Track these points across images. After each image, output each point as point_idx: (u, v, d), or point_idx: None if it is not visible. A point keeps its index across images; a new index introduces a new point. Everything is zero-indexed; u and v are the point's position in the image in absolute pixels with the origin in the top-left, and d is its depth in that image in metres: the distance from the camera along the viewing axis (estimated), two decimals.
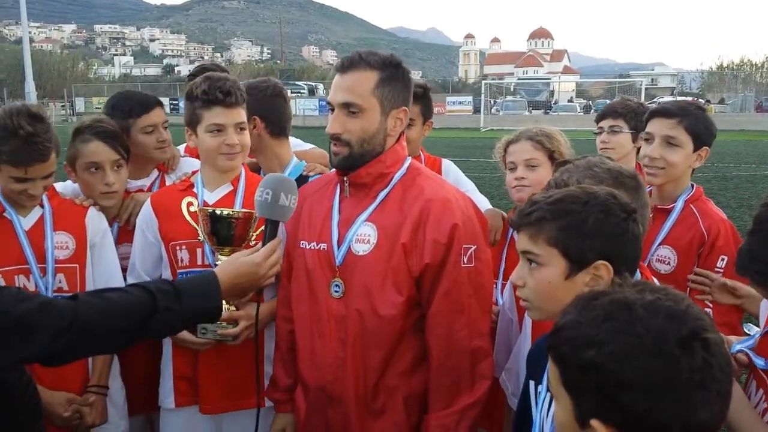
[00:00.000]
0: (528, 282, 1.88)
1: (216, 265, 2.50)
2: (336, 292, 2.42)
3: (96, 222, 2.92)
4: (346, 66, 2.36)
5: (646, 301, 1.28)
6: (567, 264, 1.80)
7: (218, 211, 2.55)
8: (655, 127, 2.96)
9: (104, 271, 2.89)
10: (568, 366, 1.32)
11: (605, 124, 3.71)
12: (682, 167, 2.94)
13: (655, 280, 2.32)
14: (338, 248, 2.42)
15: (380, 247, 2.36)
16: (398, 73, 2.39)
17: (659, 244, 2.94)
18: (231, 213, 2.55)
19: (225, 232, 2.53)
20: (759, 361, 1.94)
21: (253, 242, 2.61)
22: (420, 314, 2.41)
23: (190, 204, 2.65)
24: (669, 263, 2.93)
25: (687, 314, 1.27)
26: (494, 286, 2.86)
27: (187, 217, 2.73)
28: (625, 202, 1.86)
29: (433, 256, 2.32)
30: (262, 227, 2.47)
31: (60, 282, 2.76)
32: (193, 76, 3.96)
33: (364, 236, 2.39)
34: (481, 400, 2.40)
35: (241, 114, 2.77)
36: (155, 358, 2.94)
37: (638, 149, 3.25)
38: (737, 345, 2.05)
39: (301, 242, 2.53)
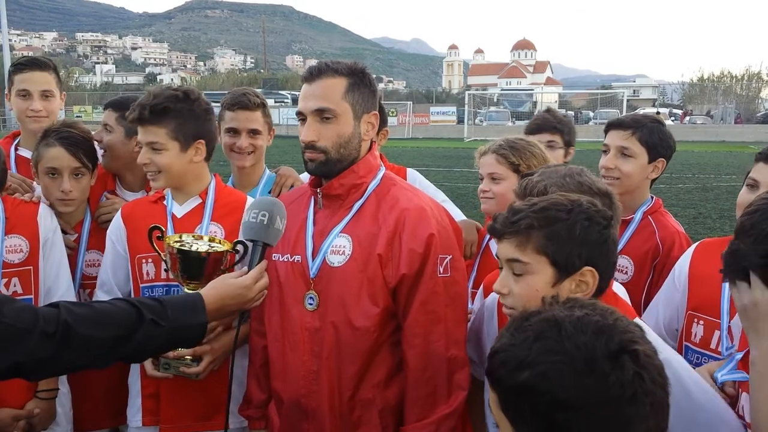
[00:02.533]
0: (513, 290, 1.90)
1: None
2: (310, 304, 2.38)
3: (48, 219, 2.89)
4: (315, 74, 2.37)
5: (574, 318, 1.28)
6: (554, 271, 1.84)
7: (187, 248, 2.40)
8: (611, 138, 3.10)
9: (51, 270, 2.86)
10: (504, 389, 1.31)
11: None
12: (636, 178, 3.04)
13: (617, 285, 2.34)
14: (313, 260, 2.40)
15: (355, 258, 2.34)
16: (365, 79, 2.41)
17: (617, 254, 2.92)
18: (200, 252, 2.40)
19: (195, 269, 2.40)
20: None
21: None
22: (395, 326, 2.38)
23: (156, 232, 2.49)
24: (626, 272, 2.98)
25: (614, 328, 1.27)
26: None
27: (155, 246, 2.53)
28: (603, 209, 1.92)
29: (409, 266, 2.30)
30: (235, 263, 2.43)
31: (15, 286, 2.74)
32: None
33: (339, 247, 2.37)
34: (457, 411, 2.36)
35: (154, 133, 2.66)
36: (121, 374, 2.90)
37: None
38: (719, 372, 2.03)
39: (274, 255, 2.48)
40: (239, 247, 2.41)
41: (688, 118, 64.26)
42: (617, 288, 2.42)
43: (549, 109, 4.03)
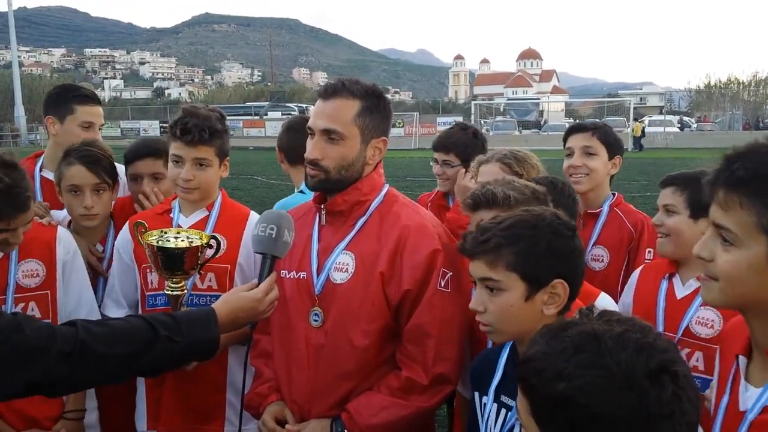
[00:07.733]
0: (489, 307, 1.94)
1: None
2: (315, 321, 2.39)
3: (66, 242, 2.90)
4: (330, 93, 2.37)
5: (615, 334, 1.29)
6: (526, 286, 1.90)
7: (165, 242, 2.43)
8: (574, 141, 3.42)
9: (72, 294, 2.86)
10: (537, 398, 1.33)
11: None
12: (602, 173, 3.38)
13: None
14: (317, 277, 2.41)
15: (358, 275, 2.35)
16: (380, 103, 2.41)
17: (593, 245, 3.32)
18: (175, 246, 2.41)
19: (174, 262, 2.42)
20: None
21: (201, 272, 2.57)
22: (395, 347, 2.38)
23: (141, 228, 2.50)
24: (602, 261, 3.31)
25: (655, 346, 1.28)
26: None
27: (140, 240, 2.52)
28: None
29: (412, 282, 2.31)
30: (209, 255, 2.48)
31: (32, 310, 2.74)
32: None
33: (342, 265, 2.38)
34: (424, 411, 2.34)
35: (200, 150, 2.73)
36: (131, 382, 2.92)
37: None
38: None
39: (282, 271, 2.48)
40: (212, 242, 2.48)
41: (696, 125, 64.16)
42: (604, 298, 2.51)
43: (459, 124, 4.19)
